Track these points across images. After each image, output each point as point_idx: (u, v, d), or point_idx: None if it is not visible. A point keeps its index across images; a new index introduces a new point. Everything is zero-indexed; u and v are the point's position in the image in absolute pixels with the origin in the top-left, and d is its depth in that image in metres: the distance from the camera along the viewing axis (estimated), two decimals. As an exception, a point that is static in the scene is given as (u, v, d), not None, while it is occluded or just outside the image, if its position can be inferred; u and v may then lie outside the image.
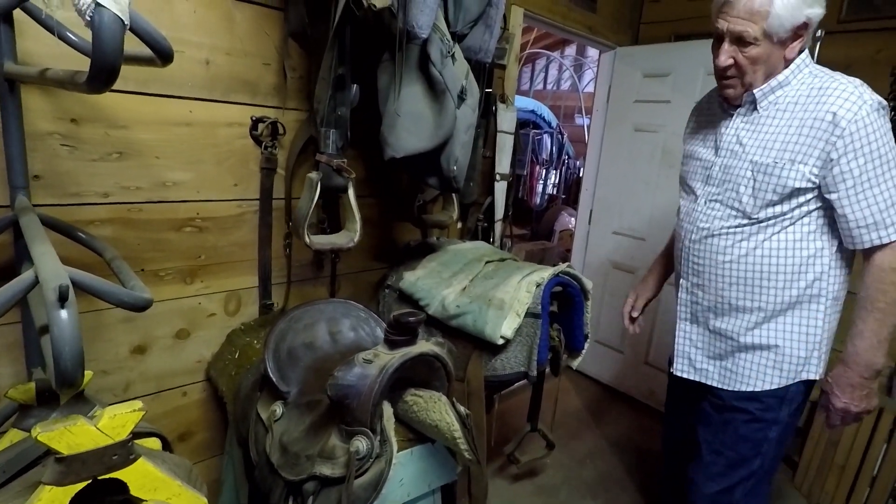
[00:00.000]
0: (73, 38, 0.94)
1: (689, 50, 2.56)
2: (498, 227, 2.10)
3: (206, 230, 1.39)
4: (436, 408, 0.89)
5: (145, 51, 0.77)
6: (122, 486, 0.73)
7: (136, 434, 0.95)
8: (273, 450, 0.98)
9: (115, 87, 1.13)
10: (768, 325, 1.24)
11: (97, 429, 0.68)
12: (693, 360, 1.37)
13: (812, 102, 1.12)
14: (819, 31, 2.32)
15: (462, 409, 0.91)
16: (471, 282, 1.46)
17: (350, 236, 1.29)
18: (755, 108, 1.21)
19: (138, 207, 1.26)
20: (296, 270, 1.57)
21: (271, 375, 1.01)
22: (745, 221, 1.21)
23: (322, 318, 1.14)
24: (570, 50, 8.30)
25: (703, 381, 1.35)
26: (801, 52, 1.16)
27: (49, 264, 0.67)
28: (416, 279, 1.53)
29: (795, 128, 1.14)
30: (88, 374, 0.88)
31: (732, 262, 1.24)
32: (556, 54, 8.10)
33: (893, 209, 1.10)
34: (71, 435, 0.66)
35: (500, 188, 2.08)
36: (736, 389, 1.29)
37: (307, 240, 1.24)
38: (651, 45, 2.78)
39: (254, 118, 1.39)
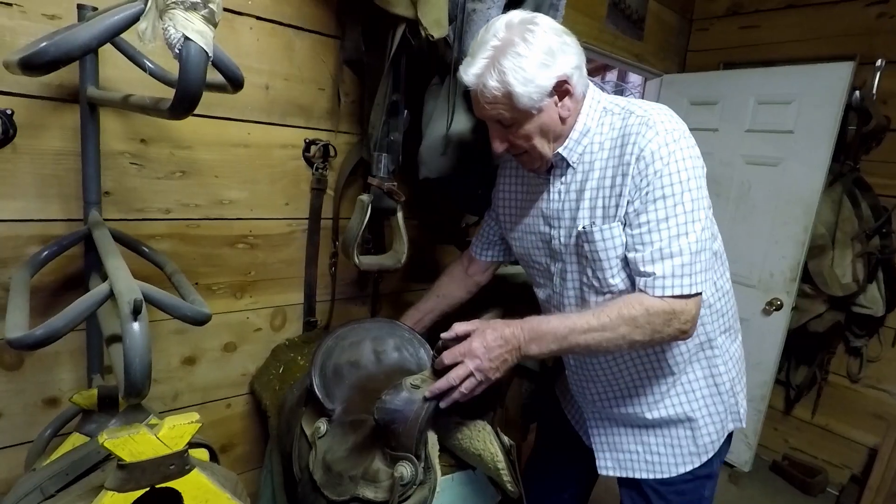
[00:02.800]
0: (152, 66, 1.01)
1: (738, 78, 2.53)
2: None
3: (257, 247, 1.43)
4: (480, 437, 0.89)
5: (218, 78, 0.81)
6: (176, 496, 0.75)
7: (189, 444, 1.00)
8: (316, 467, 0.99)
9: (182, 110, 1.20)
10: (671, 395, 1.12)
11: (158, 438, 0.70)
12: (616, 453, 1.21)
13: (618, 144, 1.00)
14: (879, 60, 2.26)
15: (506, 439, 0.90)
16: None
17: (397, 258, 1.31)
18: (570, 166, 1.06)
19: (196, 224, 1.32)
20: (340, 289, 1.61)
21: (317, 392, 1.02)
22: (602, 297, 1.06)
23: (367, 336, 1.15)
24: (611, 75, 8.29)
25: (633, 475, 1.18)
26: (584, 97, 1.03)
27: (123, 278, 0.70)
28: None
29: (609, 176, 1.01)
30: (147, 383, 0.92)
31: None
32: (597, 79, 8.10)
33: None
34: (134, 443, 0.68)
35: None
36: (656, 477, 1.15)
37: (356, 260, 1.27)
38: (698, 73, 2.76)
39: (307, 140, 1.45)
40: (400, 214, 1.29)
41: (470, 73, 0.97)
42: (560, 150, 1.04)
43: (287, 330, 1.55)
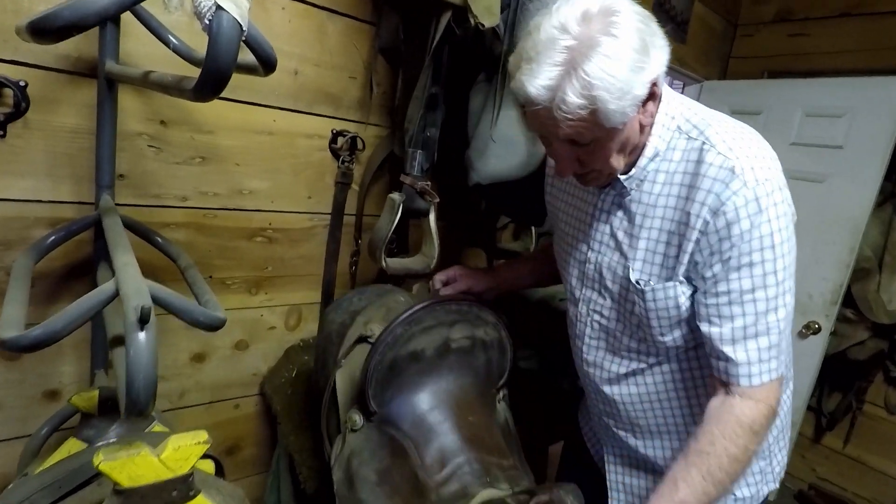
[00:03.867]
0: (177, 42, 0.93)
1: (784, 88, 2.40)
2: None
3: (275, 241, 1.35)
4: None
5: (249, 58, 0.73)
6: (177, 522, 0.67)
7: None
8: (338, 465, 0.89)
9: (206, 91, 1.12)
10: None
11: (160, 461, 0.62)
12: (630, 496, 1.09)
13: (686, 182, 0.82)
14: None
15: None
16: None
17: (426, 262, 1.23)
18: (629, 193, 0.88)
19: (213, 213, 1.24)
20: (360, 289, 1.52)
21: (367, 388, 0.89)
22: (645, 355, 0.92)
23: (445, 322, 0.93)
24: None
25: None
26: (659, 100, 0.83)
27: (131, 279, 0.62)
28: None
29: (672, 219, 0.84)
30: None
31: (638, 394, 0.97)
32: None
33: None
34: (133, 466, 0.60)
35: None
36: None
37: (384, 263, 1.18)
38: (741, 80, 2.63)
39: (334, 131, 1.36)
40: (433, 216, 1.20)
41: (535, 84, 0.72)
42: (624, 179, 0.86)
43: (302, 330, 1.47)
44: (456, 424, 0.85)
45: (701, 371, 0.92)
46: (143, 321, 0.54)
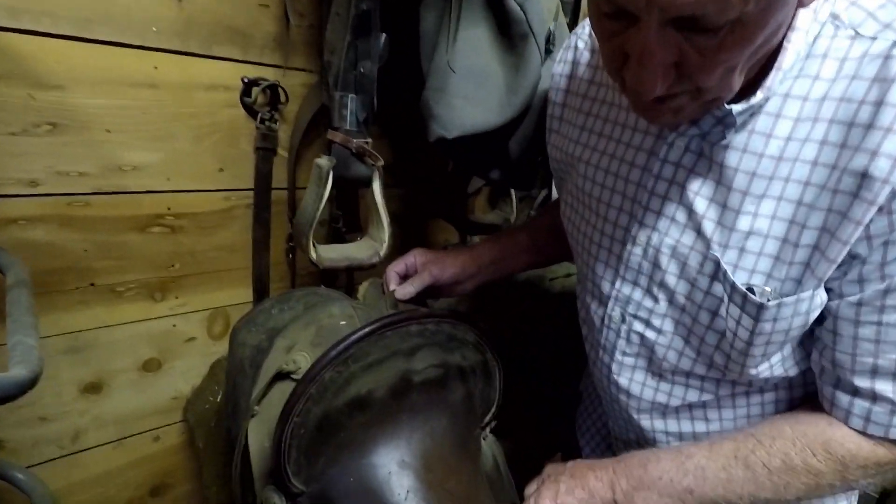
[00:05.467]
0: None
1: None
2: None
3: (180, 230, 1.04)
4: None
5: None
6: None
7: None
8: None
9: (40, 27, 0.78)
10: None
11: None
12: None
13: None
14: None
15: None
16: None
17: (374, 248, 0.93)
18: (726, 135, 0.55)
19: (83, 200, 0.92)
20: (302, 282, 1.22)
21: (284, 462, 0.61)
22: (714, 385, 0.64)
23: (401, 349, 0.64)
24: None
25: None
26: None
27: None
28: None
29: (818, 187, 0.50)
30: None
31: (693, 433, 0.70)
32: None
33: None
34: None
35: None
36: None
37: (312, 254, 0.89)
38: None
39: (246, 80, 1.03)
40: (377, 186, 0.90)
41: None
42: (739, 110, 0.52)
43: (232, 337, 1.17)
44: (424, 500, 0.58)
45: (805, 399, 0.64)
46: None
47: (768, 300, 0.52)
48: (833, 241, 0.49)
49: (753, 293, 0.53)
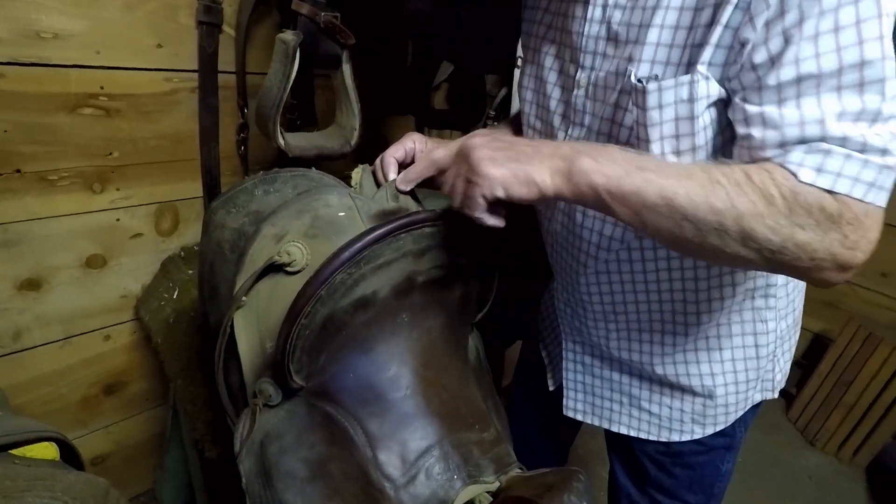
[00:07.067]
0: None
1: None
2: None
3: (117, 114, 0.94)
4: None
5: None
6: None
7: (23, 442, 0.62)
8: (246, 452, 0.63)
9: None
10: (689, 350, 0.76)
11: None
12: (593, 397, 0.90)
13: None
14: None
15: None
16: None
17: (345, 137, 0.88)
18: None
19: (-3, 71, 0.79)
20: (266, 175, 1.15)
21: (287, 362, 0.56)
22: None
23: (412, 251, 0.61)
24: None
25: (612, 427, 0.88)
26: None
27: None
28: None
29: None
30: None
31: (628, 261, 0.72)
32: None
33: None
34: None
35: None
36: (642, 437, 0.85)
37: (280, 141, 0.83)
38: None
39: (182, -63, 0.89)
40: (347, 68, 0.83)
41: None
42: None
43: (182, 234, 1.11)
44: (422, 395, 0.59)
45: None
46: None
47: (651, 85, 0.55)
48: (715, 24, 0.52)
49: (642, 83, 0.57)
